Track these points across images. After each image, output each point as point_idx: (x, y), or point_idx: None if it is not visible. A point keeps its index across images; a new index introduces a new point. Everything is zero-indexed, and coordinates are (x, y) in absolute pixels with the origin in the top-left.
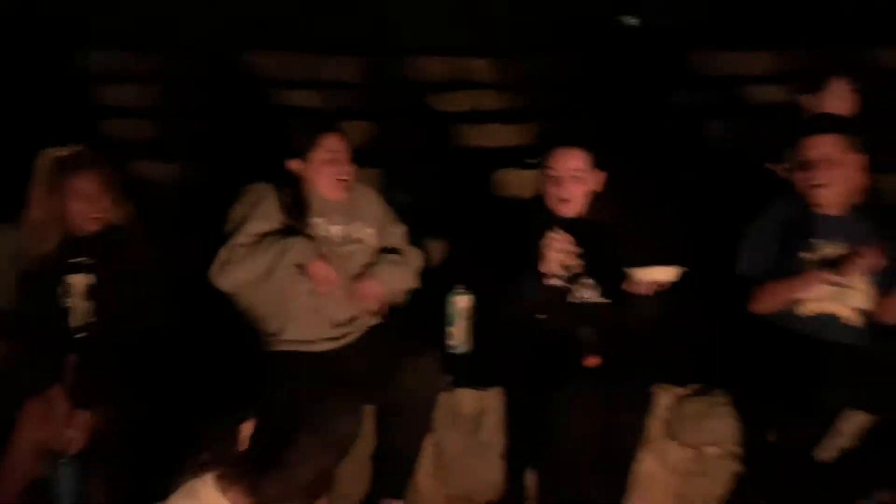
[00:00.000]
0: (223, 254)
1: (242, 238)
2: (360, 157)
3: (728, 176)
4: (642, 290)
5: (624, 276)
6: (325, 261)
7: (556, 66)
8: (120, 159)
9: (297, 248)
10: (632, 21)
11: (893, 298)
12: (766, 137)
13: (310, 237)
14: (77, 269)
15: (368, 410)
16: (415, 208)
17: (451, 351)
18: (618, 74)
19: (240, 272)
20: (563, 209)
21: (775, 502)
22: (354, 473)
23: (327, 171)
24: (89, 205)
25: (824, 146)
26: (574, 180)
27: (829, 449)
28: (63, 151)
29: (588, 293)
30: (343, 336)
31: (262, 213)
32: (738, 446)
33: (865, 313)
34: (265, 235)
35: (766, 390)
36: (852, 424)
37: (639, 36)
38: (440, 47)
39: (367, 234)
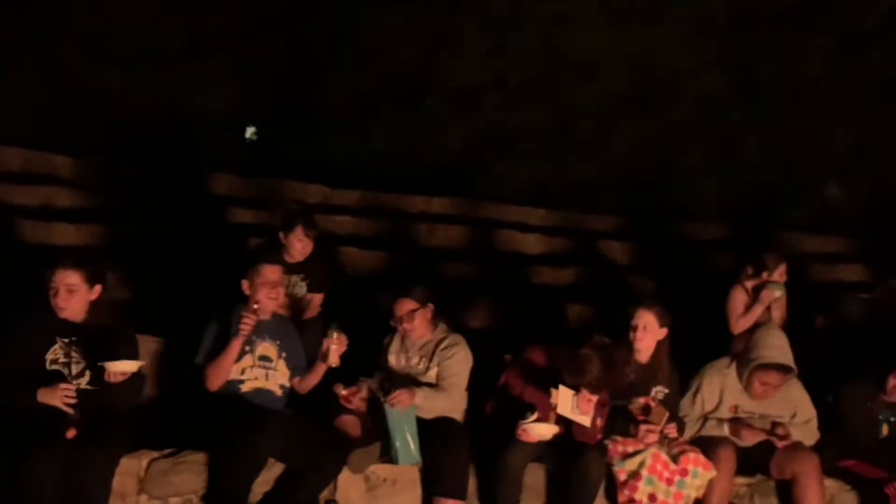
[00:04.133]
0: None
1: None
2: None
3: None
4: (114, 380)
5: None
6: None
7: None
8: None
9: None
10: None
11: (306, 377)
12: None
13: None
14: None
15: None
16: None
17: None
18: None
19: None
20: (63, 314)
21: None
22: None
23: None
24: None
25: (274, 273)
26: (69, 293)
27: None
28: None
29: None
30: None
31: None
32: (199, 494)
33: (283, 388)
34: None
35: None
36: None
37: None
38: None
39: None
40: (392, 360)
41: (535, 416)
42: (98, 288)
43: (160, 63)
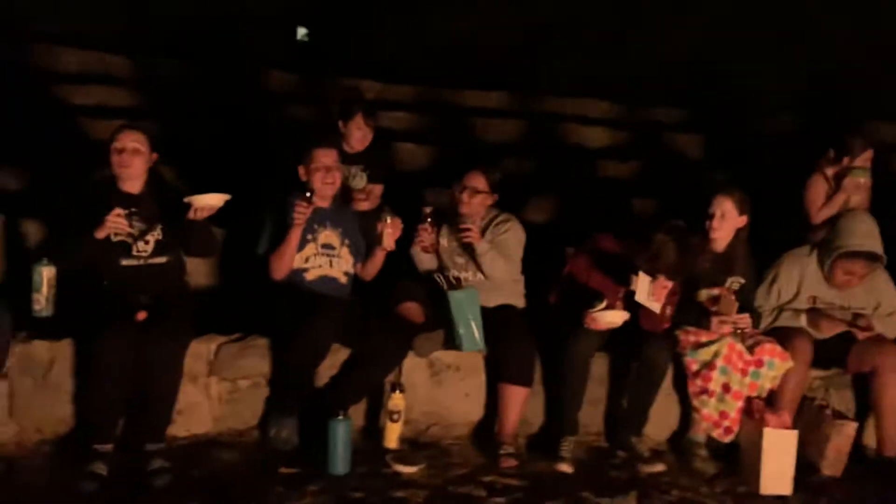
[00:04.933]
0: None
1: None
2: None
3: None
4: (201, 216)
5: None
6: None
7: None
8: None
9: None
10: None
11: (367, 263)
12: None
13: None
14: None
15: None
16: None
17: (37, 314)
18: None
19: None
20: (123, 181)
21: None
22: None
23: None
24: None
25: (328, 157)
26: (131, 153)
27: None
28: None
29: (146, 253)
30: None
31: None
32: (266, 377)
33: (348, 275)
34: None
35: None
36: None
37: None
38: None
39: None
40: (444, 241)
41: (603, 304)
42: (156, 156)
43: None
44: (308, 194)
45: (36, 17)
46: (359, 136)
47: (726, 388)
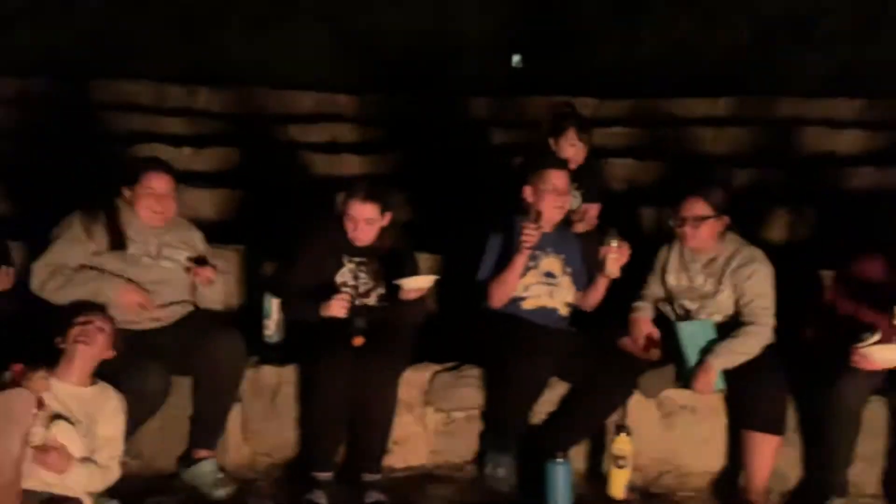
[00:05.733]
0: (40, 272)
1: (49, 259)
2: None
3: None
4: (410, 297)
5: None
6: (134, 289)
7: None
8: None
9: (105, 291)
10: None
11: (588, 293)
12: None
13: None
14: None
15: (184, 380)
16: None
17: (267, 340)
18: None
19: (56, 296)
20: (354, 239)
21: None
22: (180, 431)
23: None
24: None
25: (560, 179)
26: (364, 223)
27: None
28: None
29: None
30: (159, 320)
31: (69, 237)
32: (481, 409)
33: (569, 305)
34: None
35: (498, 363)
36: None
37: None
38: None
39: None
40: (671, 279)
41: (875, 338)
42: (388, 215)
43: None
44: (536, 217)
45: (273, 66)
46: (571, 152)
47: None
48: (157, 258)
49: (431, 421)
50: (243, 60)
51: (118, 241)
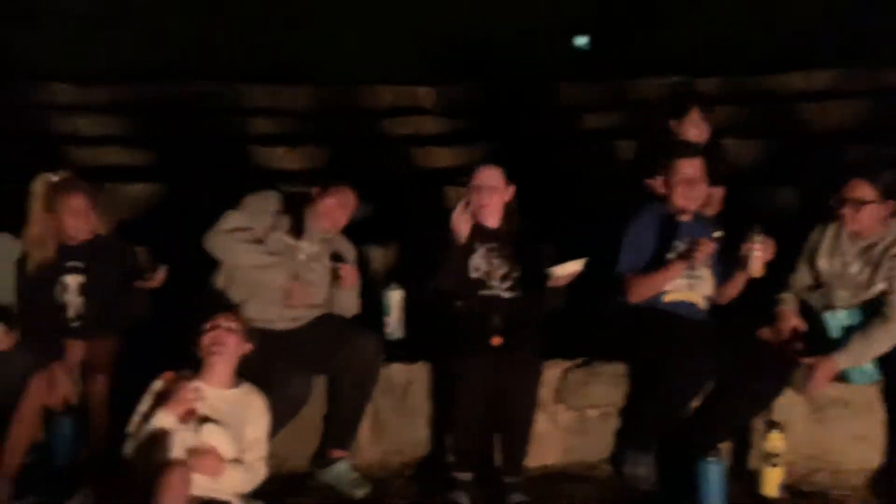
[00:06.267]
0: (225, 223)
1: (239, 218)
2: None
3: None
4: (560, 283)
5: (533, 275)
6: (299, 284)
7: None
8: (97, 181)
9: (277, 271)
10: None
11: (724, 287)
12: (645, 156)
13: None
14: (71, 271)
15: (320, 380)
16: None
17: (388, 336)
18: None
19: (232, 249)
20: (484, 217)
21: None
22: (310, 431)
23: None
24: (80, 219)
25: (692, 167)
26: (491, 190)
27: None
28: (55, 176)
29: (502, 289)
30: (297, 320)
31: (262, 207)
32: (617, 407)
33: (708, 298)
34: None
35: (642, 358)
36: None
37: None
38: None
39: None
40: (822, 262)
41: None
42: (512, 189)
43: None
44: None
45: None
46: (694, 134)
47: None
48: (313, 259)
49: (563, 419)
50: (312, 59)
51: (298, 228)
